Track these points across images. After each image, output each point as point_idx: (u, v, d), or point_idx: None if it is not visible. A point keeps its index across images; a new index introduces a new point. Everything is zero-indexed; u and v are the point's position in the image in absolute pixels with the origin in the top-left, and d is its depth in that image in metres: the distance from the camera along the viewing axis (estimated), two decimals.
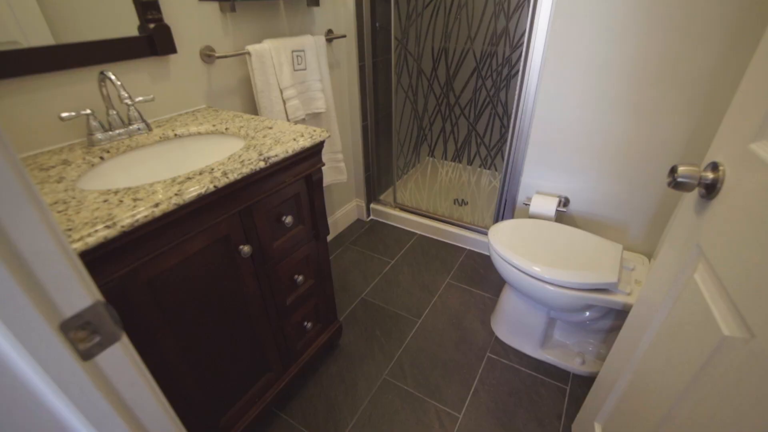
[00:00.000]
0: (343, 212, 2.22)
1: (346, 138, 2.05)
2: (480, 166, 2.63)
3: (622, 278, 1.27)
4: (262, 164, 0.86)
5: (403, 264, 1.98)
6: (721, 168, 0.64)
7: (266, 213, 0.97)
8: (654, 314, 0.79)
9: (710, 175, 0.65)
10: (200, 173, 0.80)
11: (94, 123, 0.99)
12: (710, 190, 0.65)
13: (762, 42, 0.60)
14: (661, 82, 1.29)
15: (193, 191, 0.74)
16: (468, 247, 2.09)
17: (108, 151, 0.96)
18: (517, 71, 1.61)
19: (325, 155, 1.74)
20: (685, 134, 1.32)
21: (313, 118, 1.63)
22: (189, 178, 0.78)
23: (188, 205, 0.75)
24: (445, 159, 2.72)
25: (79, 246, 0.59)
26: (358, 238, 2.18)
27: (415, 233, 2.22)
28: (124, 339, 0.41)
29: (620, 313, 1.28)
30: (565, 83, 1.44)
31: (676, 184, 0.67)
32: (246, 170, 0.83)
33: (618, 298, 1.22)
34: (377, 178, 2.27)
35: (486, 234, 2.00)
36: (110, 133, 1.00)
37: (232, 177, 0.80)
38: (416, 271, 1.94)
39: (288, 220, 1.03)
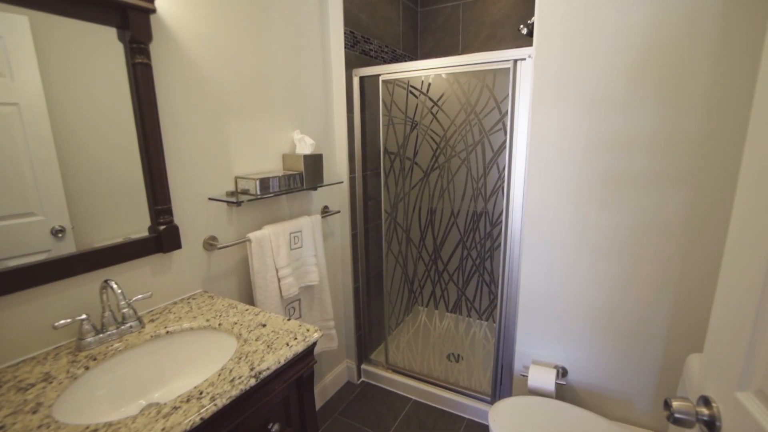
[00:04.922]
0: (333, 376, 2.10)
1: (338, 301, 2.06)
2: (474, 319, 2.62)
3: None
4: (253, 381, 0.84)
5: None
6: (714, 405, 0.64)
7: (251, 427, 0.91)
8: None
9: (705, 411, 0.65)
10: (187, 400, 0.77)
11: (86, 326, 0.98)
12: (711, 427, 0.64)
13: (720, 285, 0.66)
14: (637, 249, 1.38)
15: (177, 429, 0.70)
16: (467, 416, 1.93)
17: (95, 359, 0.94)
18: (499, 244, 1.73)
19: (316, 323, 1.72)
20: (667, 297, 1.36)
21: (306, 290, 1.67)
22: (175, 408, 0.75)
23: None
24: (437, 309, 2.71)
25: None
26: (348, 407, 2.02)
27: (410, 398, 2.07)
28: None
29: None
30: (545, 255, 1.54)
31: (674, 420, 0.66)
32: (236, 392, 0.80)
33: None
34: (368, 334, 2.22)
35: (485, 401, 1.88)
36: (101, 335, 0.99)
37: (221, 403, 0.77)
38: None
39: (275, 429, 0.96)
